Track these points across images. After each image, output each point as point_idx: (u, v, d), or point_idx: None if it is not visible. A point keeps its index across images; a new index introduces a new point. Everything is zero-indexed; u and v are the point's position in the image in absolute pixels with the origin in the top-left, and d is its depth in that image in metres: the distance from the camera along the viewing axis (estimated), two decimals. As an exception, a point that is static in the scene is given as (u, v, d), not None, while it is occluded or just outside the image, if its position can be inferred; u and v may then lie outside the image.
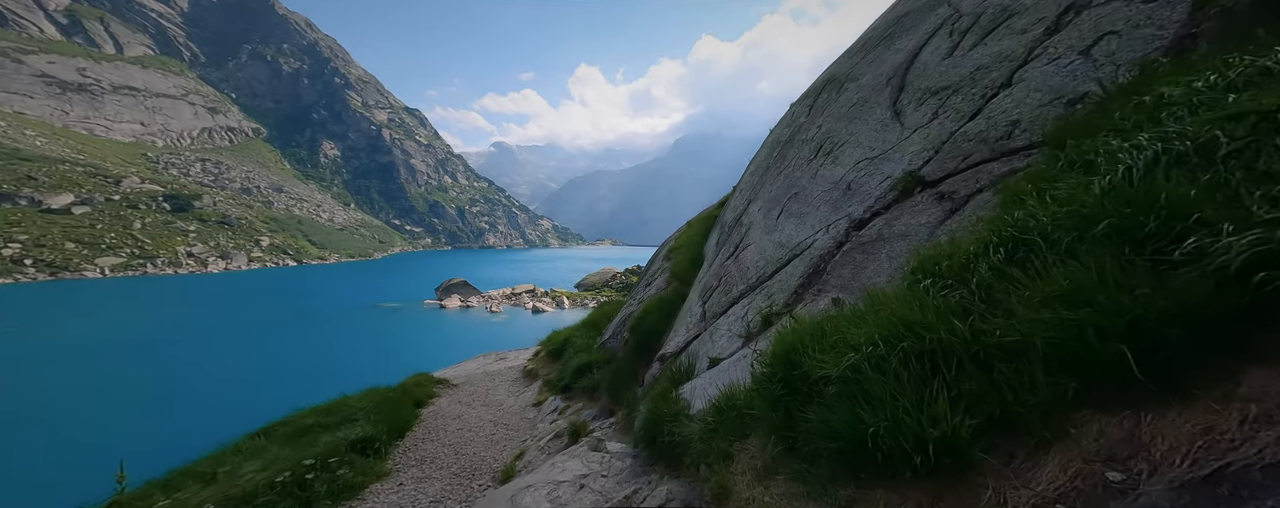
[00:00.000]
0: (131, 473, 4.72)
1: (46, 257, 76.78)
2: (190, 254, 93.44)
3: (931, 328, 1.87)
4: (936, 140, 3.79)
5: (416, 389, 7.08)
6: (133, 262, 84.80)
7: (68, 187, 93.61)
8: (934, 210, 3.33)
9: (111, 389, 24.86)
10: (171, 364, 30.67)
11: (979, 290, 1.95)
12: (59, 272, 75.98)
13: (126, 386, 25.49)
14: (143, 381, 26.89)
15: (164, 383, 26.42)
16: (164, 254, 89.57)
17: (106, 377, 26.99)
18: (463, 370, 9.57)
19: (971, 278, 2.03)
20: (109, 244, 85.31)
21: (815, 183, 5.47)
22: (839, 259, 3.98)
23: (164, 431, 18.25)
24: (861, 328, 2.22)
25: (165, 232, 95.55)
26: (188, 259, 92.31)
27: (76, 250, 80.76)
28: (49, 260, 76.40)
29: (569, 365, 7.01)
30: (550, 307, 59.39)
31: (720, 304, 5.67)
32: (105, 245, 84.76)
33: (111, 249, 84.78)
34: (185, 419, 19.86)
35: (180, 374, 28.47)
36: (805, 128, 7.05)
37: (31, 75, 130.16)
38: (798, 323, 3.01)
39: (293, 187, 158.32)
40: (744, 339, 4.36)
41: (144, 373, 28.34)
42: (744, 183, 8.99)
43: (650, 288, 8.66)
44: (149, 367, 29.70)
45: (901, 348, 1.89)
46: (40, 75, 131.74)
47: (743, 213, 7.56)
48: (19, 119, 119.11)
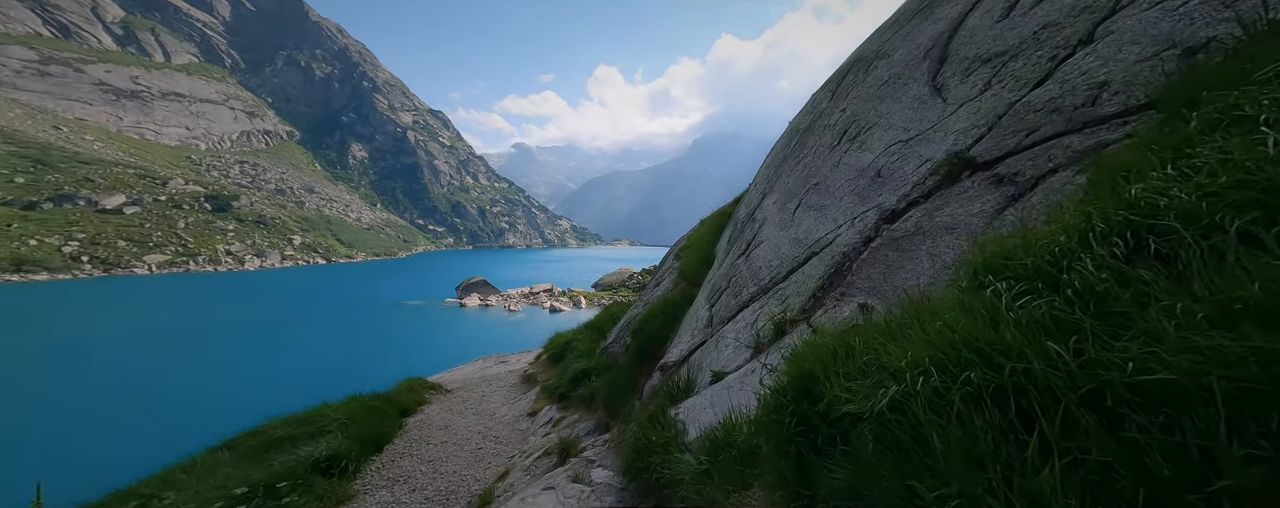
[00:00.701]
0: (98, 482, 4.55)
1: (101, 254, 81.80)
2: (228, 252, 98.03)
3: (1013, 352, 1.28)
4: (990, 115, 3.12)
5: (406, 395, 6.71)
6: (177, 259, 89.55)
7: (120, 188, 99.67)
8: (989, 197, 2.68)
9: (115, 387, 25.12)
10: (189, 360, 31.40)
11: (1082, 299, 1.34)
12: (112, 268, 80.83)
13: (134, 383, 25.69)
14: (155, 377, 27.20)
15: (175, 381, 26.60)
16: (205, 252, 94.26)
17: (114, 374, 27.42)
18: (460, 374, 9.21)
19: (1067, 281, 1.42)
20: (156, 242, 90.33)
21: (838, 172, 4.82)
22: (866, 257, 3.36)
23: (151, 432, 17.80)
24: (903, 347, 1.63)
25: (206, 231, 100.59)
26: (226, 257, 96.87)
27: (127, 248, 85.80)
28: (103, 257, 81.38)
29: (567, 372, 6.54)
30: (567, 306, 59.54)
31: (728, 308, 5.08)
32: (153, 244, 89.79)
33: (158, 247, 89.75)
34: (184, 419, 19.64)
35: (195, 370, 29.08)
36: (827, 113, 6.37)
37: (91, 84, 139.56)
38: (817, 336, 2.42)
39: (323, 187, 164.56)
40: (752, 350, 3.77)
41: (159, 369, 28.79)
42: (759, 176, 8.34)
43: (658, 289, 8.11)
44: (165, 363, 30.21)
45: (967, 380, 1.30)
46: (98, 83, 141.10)
47: (756, 208, 6.92)
48: (79, 125, 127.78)
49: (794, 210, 5.31)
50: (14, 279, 69.27)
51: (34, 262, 72.92)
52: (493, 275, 73.52)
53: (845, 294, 3.32)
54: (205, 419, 17.56)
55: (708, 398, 3.37)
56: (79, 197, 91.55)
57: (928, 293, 2.26)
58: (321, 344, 38.39)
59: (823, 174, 5.21)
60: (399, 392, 6.79)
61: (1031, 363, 1.22)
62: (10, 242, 74.05)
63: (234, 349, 34.80)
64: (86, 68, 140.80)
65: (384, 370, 28.31)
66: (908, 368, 1.49)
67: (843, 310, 3.14)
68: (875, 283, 3.09)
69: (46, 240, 78.25)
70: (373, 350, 36.09)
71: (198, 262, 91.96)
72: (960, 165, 3.09)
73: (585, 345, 7.64)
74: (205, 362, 31.43)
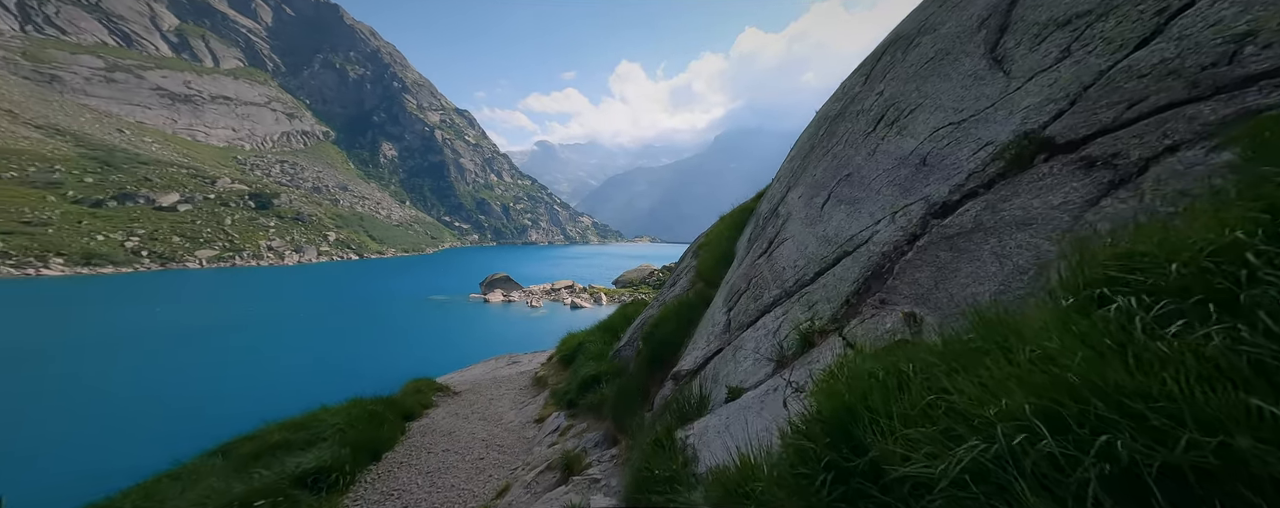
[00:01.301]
0: (88, 488, 4.48)
1: (158, 249, 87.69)
2: (270, 248, 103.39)
3: (1186, 411, 0.83)
4: (1071, 86, 2.56)
5: (412, 398, 6.53)
6: (224, 254, 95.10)
7: (175, 187, 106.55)
8: (1077, 185, 2.15)
9: (129, 384, 24.74)
10: (214, 356, 31.87)
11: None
12: (167, 262, 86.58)
13: (150, 380, 25.46)
14: (172, 374, 27.19)
15: (193, 377, 26.48)
16: (249, 247, 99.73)
17: (130, 371, 27.38)
18: (470, 375, 9.04)
19: (1256, 299, 0.95)
20: (205, 238, 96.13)
21: (874, 161, 4.28)
22: (912, 258, 2.85)
23: (158, 432, 17.19)
24: (982, 383, 1.19)
25: (250, 227, 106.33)
26: (268, 252, 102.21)
27: (180, 244, 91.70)
28: (160, 252, 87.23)
29: (576, 377, 6.22)
30: (588, 303, 59.81)
31: (748, 313, 4.63)
32: (202, 239, 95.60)
33: (207, 243, 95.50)
34: (195, 417, 19.28)
35: (217, 366, 29.46)
36: (861, 97, 5.78)
37: (149, 89, 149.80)
38: (855, 356, 1.97)
39: (356, 185, 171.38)
40: (775, 364, 3.32)
41: (179, 366, 28.95)
42: (783, 169, 7.78)
43: (674, 289, 7.70)
44: (187, 358, 30.44)
45: (1105, 449, 0.86)
46: (156, 88, 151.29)
47: (779, 203, 6.40)
48: (139, 128, 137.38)
49: (822, 205, 4.79)
50: (84, 272, 75.12)
51: (101, 256, 78.86)
52: (515, 272, 74.68)
53: (885, 301, 2.83)
54: (218, 418, 17.24)
55: (723, 419, 2.96)
56: (139, 195, 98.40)
57: (1002, 305, 1.78)
58: (349, 339, 39.82)
59: (856, 164, 4.67)
60: (405, 394, 6.63)
61: (1228, 435, 0.76)
62: (81, 237, 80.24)
63: (262, 344, 36.37)
64: (145, 74, 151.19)
65: (405, 366, 28.95)
66: (999, 419, 1.05)
67: (883, 321, 2.65)
68: (924, 288, 2.59)
69: (111, 236, 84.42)
70: (397, 345, 37.16)
71: (243, 257, 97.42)
72: (1033, 148, 2.54)
73: (597, 348, 7.32)
74: (230, 357, 32.53)
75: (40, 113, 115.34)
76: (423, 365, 26.30)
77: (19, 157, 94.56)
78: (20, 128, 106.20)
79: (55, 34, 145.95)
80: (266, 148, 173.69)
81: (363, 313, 51.18)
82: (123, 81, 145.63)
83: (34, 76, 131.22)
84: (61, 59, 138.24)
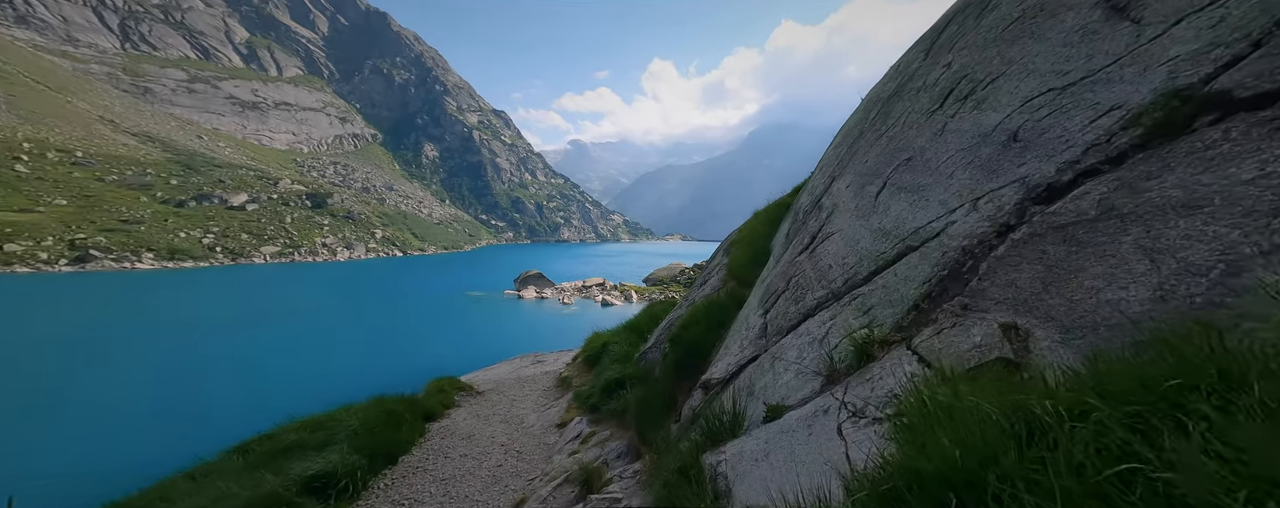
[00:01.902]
0: (104, 486, 4.55)
1: (229, 245, 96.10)
2: (324, 244, 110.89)
3: None
4: (1252, 23, 1.90)
5: (434, 397, 6.42)
6: (285, 250, 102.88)
7: (244, 188, 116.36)
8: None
9: (169, 377, 24.50)
10: (269, 343, 32.89)
11: None
12: (237, 257, 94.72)
13: (190, 372, 25.12)
14: (213, 366, 27.03)
15: (232, 369, 26.43)
16: (306, 244, 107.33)
17: (174, 363, 27.30)
18: (494, 374, 8.91)
19: None
20: (268, 235, 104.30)
21: (943, 141, 3.63)
22: (1004, 254, 2.27)
23: (191, 425, 16.59)
24: (1226, 447, 0.69)
25: (307, 225, 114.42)
26: (322, 248, 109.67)
27: (248, 240, 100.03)
28: (231, 248, 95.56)
29: (600, 380, 5.89)
30: (619, 300, 59.94)
31: (787, 316, 4.10)
32: (266, 236, 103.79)
33: (270, 240, 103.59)
34: (228, 411, 18.62)
35: (273, 352, 30.49)
36: (922, 73, 5.06)
37: (223, 98, 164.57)
38: (944, 384, 1.48)
39: (400, 185, 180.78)
40: (823, 378, 2.81)
41: (220, 358, 28.86)
42: (827, 157, 7.09)
43: (703, 288, 7.22)
44: (230, 350, 30.56)
45: None
46: (228, 97, 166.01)
47: (823, 194, 5.77)
48: (215, 134, 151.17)
49: (877, 194, 4.17)
50: (169, 266, 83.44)
51: (183, 251, 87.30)
52: (548, 269, 76.10)
53: (970, 307, 2.26)
54: (258, 410, 16.73)
55: (761, 443, 2.49)
56: (214, 196, 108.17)
57: (1180, 318, 1.23)
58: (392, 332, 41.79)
59: (917, 146, 4.02)
60: (428, 394, 6.54)
61: None
62: (167, 234, 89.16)
63: (311, 336, 38.48)
64: (220, 84, 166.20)
65: (442, 358, 29.70)
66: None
67: (969, 332, 2.10)
68: (1026, 293, 2.02)
69: (191, 233, 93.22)
70: (436, 339, 38.58)
71: (300, 253, 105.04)
72: (1189, 109, 1.91)
73: (622, 349, 6.96)
74: (279, 348, 34.19)
75: (135, 122, 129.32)
76: (459, 359, 26.94)
77: (118, 162, 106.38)
78: (120, 136, 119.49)
79: (148, 50, 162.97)
80: (321, 150, 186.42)
81: (405, 308, 53.83)
82: (201, 91, 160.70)
83: (132, 90, 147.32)
84: (153, 73, 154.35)
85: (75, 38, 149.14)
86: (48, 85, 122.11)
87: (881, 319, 2.84)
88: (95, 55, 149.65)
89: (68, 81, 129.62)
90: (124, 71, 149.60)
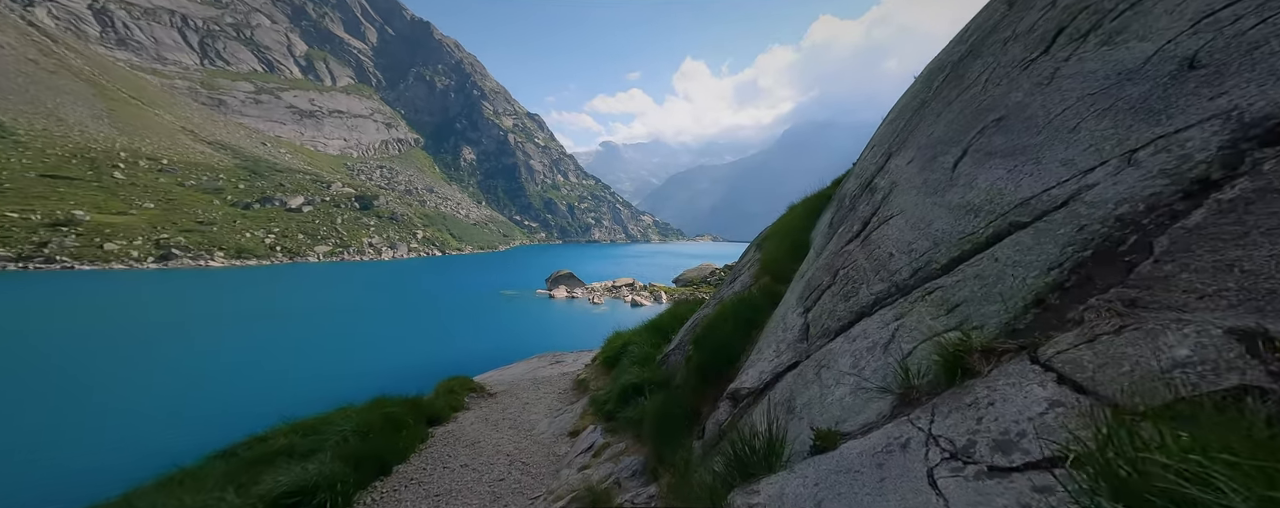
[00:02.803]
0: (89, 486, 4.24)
1: (288, 244, 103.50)
2: (370, 244, 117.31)
3: None
4: None
5: (442, 399, 6.01)
6: (335, 249, 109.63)
7: (300, 191, 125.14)
8: None
9: (198, 370, 24.95)
10: (304, 337, 34.30)
11: None
12: (294, 256, 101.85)
13: (220, 366, 25.53)
14: (244, 358, 27.79)
15: (260, 364, 26.80)
16: (354, 244, 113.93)
17: (203, 356, 28.23)
18: (510, 374, 8.48)
19: None
20: (321, 235, 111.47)
21: (1054, 91, 2.78)
22: (1205, 223, 1.48)
23: (197, 422, 16.59)
24: None
25: (355, 226, 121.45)
26: (369, 248, 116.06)
27: (304, 240, 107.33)
28: (289, 248, 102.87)
29: (617, 384, 5.31)
30: (648, 300, 59.58)
31: (835, 315, 3.35)
32: (320, 236, 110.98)
33: (323, 240, 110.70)
34: (243, 407, 18.56)
35: (307, 346, 31.45)
36: (1007, 24, 4.14)
37: (284, 107, 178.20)
38: (1156, 430, 0.76)
39: (440, 187, 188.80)
40: (895, 398, 2.08)
41: (247, 353, 29.67)
42: (879, 136, 6.16)
43: (733, 286, 6.48)
44: (260, 346, 31.27)
45: None
46: (289, 107, 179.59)
47: (876, 174, 4.92)
48: (277, 141, 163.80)
49: (954, 165, 3.33)
50: (237, 264, 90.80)
51: (248, 250, 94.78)
52: (579, 269, 76.86)
53: (1141, 303, 1.49)
54: (263, 409, 16.97)
55: (810, 485, 1.81)
56: (275, 198, 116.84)
57: None
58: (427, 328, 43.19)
59: (1012, 103, 3.16)
60: (437, 395, 6.14)
61: None
62: (235, 234, 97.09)
63: (336, 333, 39.91)
64: (282, 95, 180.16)
65: (462, 357, 29.95)
66: None
67: (1160, 341, 1.33)
68: (1268, 279, 1.24)
69: (255, 234, 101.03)
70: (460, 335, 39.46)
71: (350, 252, 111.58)
72: None
73: (643, 350, 6.34)
74: (313, 342, 35.06)
75: (210, 131, 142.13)
76: (482, 356, 27.13)
77: (196, 168, 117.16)
78: (198, 144, 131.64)
79: (222, 65, 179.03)
80: (369, 155, 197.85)
81: (441, 305, 55.87)
82: (266, 102, 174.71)
83: (208, 102, 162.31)
84: (225, 86, 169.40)
85: (164, 56, 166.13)
86: (141, 100, 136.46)
87: (979, 319, 2.08)
88: (179, 72, 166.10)
89: (157, 96, 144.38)
90: (202, 85, 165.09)
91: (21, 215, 75.28)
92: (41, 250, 69.80)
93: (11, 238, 69.60)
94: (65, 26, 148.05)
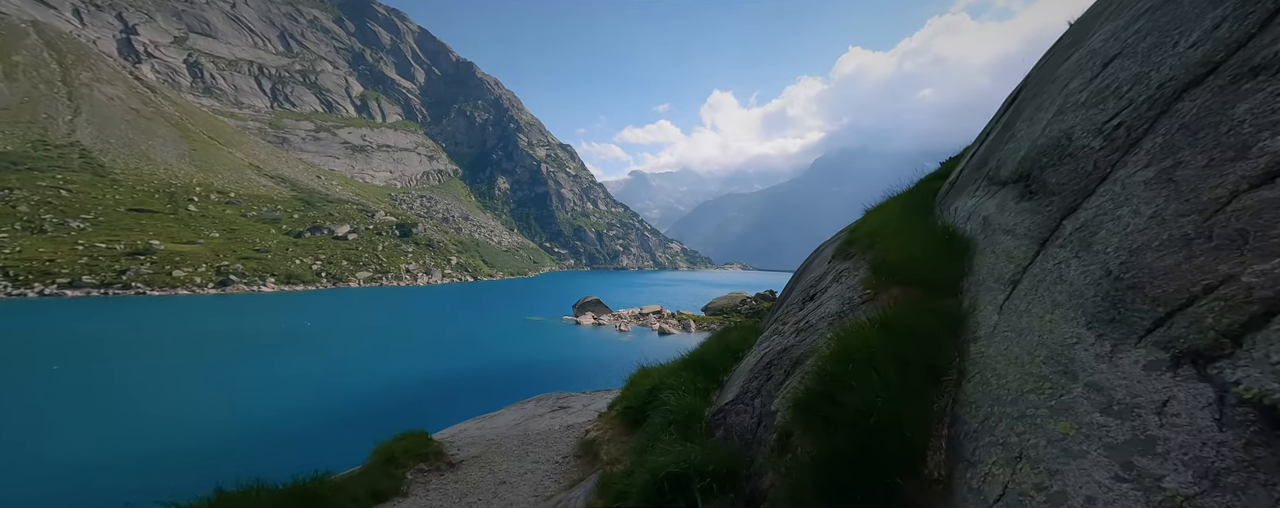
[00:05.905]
0: None
1: (332, 271, 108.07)
2: (407, 270, 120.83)
3: None
4: None
5: (370, 477, 3.72)
6: (375, 275, 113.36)
7: (347, 220, 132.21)
8: None
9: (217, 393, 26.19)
10: (321, 368, 33.93)
11: None
12: (337, 282, 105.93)
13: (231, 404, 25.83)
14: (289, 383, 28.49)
15: (294, 389, 27.07)
16: (392, 270, 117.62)
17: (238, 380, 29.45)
18: (492, 425, 6.05)
19: None
20: (363, 262, 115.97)
21: None
22: None
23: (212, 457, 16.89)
24: None
25: (395, 253, 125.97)
26: (406, 273, 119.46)
27: (347, 267, 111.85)
28: (333, 273, 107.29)
29: (644, 468, 3.08)
30: (676, 329, 56.64)
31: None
32: (361, 263, 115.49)
33: (364, 266, 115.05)
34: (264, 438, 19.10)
35: (325, 375, 30.99)
36: None
37: (339, 143, 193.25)
38: None
39: (475, 215, 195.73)
40: None
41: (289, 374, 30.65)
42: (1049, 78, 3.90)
43: (817, 307, 4.20)
44: (285, 376, 31.32)
45: None
46: (343, 143, 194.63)
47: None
48: (330, 175, 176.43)
49: None
50: (286, 289, 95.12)
51: (296, 276, 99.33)
52: (606, 296, 75.14)
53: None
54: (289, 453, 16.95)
55: None
56: (324, 227, 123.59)
57: None
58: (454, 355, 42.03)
59: None
60: (364, 470, 3.82)
61: None
62: (286, 261, 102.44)
63: (373, 359, 39.34)
64: (338, 132, 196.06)
65: (496, 381, 28.18)
66: None
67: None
68: None
69: (303, 260, 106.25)
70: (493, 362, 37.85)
71: (388, 278, 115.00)
72: None
73: (681, 399, 4.09)
74: (342, 369, 34.46)
75: (274, 166, 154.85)
76: (486, 389, 25.39)
77: (258, 200, 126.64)
78: (262, 179, 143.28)
79: (289, 107, 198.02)
80: (412, 185, 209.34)
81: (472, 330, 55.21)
82: (323, 139, 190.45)
83: (274, 140, 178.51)
84: (290, 125, 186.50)
85: (241, 101, 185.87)
86: (218, 140, 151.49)
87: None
88: (252, 114, 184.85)
89: (232, 137, 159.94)
90: (270, 126, 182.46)
91: (107, 245, 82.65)
92: (120, 278, 75.74)
93: (98, 266, 76.14)
94: (164, 79, 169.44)
